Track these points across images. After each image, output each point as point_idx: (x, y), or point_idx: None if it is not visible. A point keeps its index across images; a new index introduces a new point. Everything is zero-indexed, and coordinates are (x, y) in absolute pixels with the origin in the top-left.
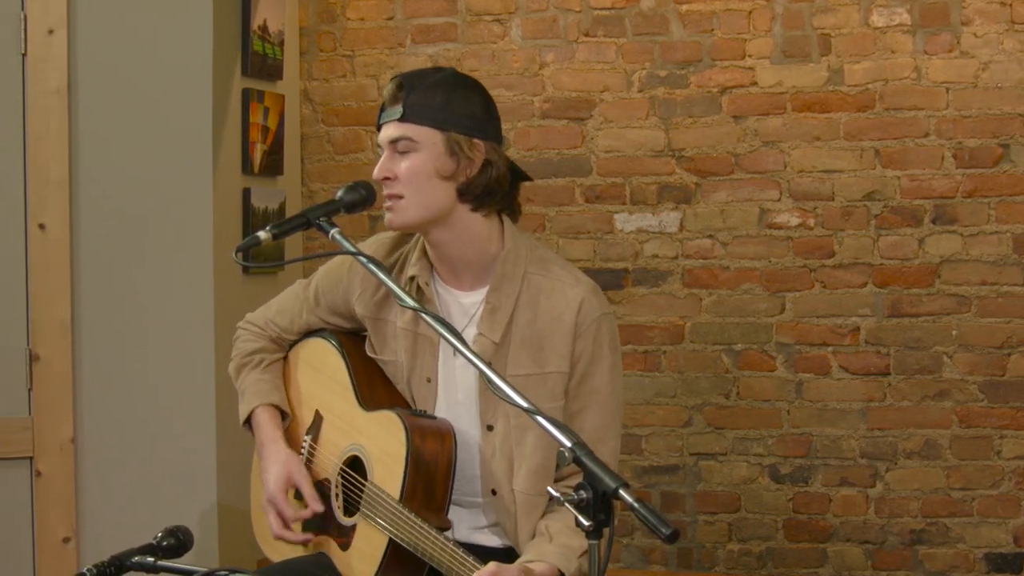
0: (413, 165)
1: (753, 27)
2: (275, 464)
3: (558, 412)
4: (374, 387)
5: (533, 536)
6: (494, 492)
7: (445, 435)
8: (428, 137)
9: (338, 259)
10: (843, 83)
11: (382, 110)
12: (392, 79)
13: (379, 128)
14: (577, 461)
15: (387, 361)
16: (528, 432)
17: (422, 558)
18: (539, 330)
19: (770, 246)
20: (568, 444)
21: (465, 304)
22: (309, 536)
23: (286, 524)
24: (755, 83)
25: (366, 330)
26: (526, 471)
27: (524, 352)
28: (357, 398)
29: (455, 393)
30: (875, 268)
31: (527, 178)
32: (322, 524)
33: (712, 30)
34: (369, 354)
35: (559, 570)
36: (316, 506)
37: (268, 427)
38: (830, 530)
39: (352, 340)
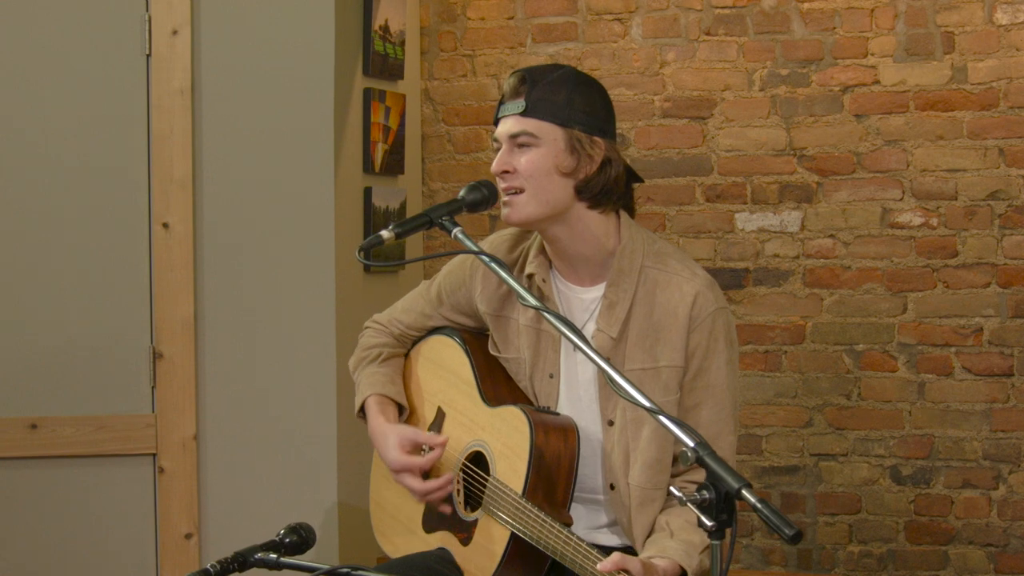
0: (533, 160)
1: (875, 25)
2: (388, 435)
3: (672, 406)
4: (497, 384)
5: (648, 531)
6: (612, 487)
7: (568, 432)
8: (550, 133)
9: (460, 258)
10: (967, 81)
11: (501, 103)
12: (513, 73)
13: (497, 122)
14: (700, 461)
15: (510, 359)
16: (643, 426)
17: (544, 551)
18: (654, 324)
19: (892, 246)
20: (691, 444)
21: (585, 300)
22: (450, 476)
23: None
24: (877, 81)
25: (488, 329)
26: (641, 464)
27: (640, 347)
28: (480, 394)
29: (577, 389)
30: (999, 268)
31: (639, 179)
32: (443, 520)
33: (834, 28)
34: (492, 353)
35: (680, 566)
36: (441, 440)
37: (378, 414)
38: (952, 532)
39: (475, 337)
